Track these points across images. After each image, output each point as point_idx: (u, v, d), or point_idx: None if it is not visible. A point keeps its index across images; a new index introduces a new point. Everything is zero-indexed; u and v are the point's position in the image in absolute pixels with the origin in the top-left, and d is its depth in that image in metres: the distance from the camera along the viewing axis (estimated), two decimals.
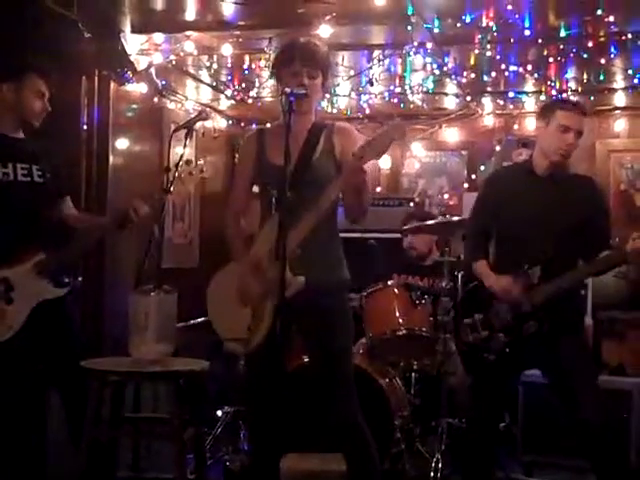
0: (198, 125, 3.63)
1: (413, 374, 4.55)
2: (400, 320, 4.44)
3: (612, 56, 4.84)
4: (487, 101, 6.13)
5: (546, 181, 3.46)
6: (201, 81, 5.69)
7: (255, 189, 3.27)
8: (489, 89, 5.82)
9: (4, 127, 3.52)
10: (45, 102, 3.54)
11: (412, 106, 5.98)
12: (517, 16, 4.35)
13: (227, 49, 4.85)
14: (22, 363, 3.41)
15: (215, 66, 5.23)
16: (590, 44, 4.58)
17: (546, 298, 3.32)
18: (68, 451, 3.43)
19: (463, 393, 4.36)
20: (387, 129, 2.87)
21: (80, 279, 3.74)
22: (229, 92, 5.81)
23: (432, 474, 4.07)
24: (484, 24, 4.37)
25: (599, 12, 4.19)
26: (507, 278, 3.41)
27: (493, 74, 5.21)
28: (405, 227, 4.99)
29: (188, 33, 4.72)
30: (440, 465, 4.08)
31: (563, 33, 4.52)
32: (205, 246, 6.21)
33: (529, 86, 5.69)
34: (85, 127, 4.81)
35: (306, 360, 3.95)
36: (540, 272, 3.34)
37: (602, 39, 4.54)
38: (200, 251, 6.22)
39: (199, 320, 4.55)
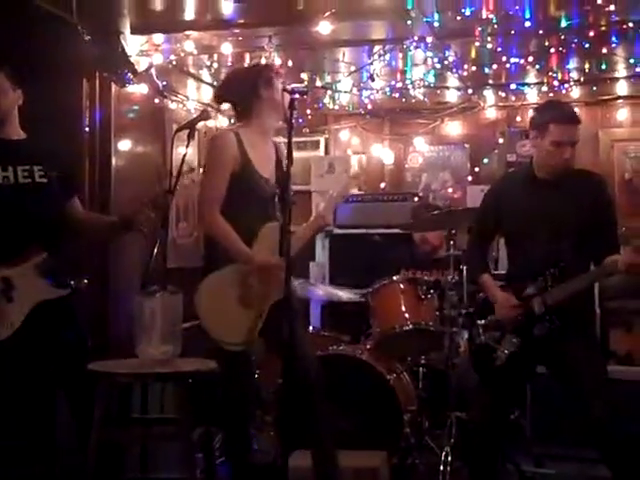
0: (200, 125, 3.62)
1: (421, 369, 4.55)
2: (407, 315, 4.44)
3: (613, 45, 4.83)
4: (489, 93, 6.11)
5: (549, 184, 3.43)
6: (202, 80, 5.69)
7: None
8: (491, 81, 5.81)
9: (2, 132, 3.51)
10: (7, 96, 3.44)
11: (414, 100, 5.98)
12: (517, 7, 4.34)
13: (227, 48, 4.84)
14: (24, 362, 3.42)
15: (215, 65, 5.21)
16: (591, 34, 4.57)
17: (557, 301, 3.32)
18: (76, 453, 3.43)
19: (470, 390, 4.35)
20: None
21: (86, 280, 3.74)
22: None
23: (442, 468, 4.06)
24: (484, 16, 4.37)
25: (599, 1, 4.18)
26: (506, 297, 3.45)
27: (494, 66, 5.20)
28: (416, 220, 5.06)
29: (188, 33, 4.72)
30: (450, 459, 4.08)
31: (564, 23, 4.50)
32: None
33: (531, 77, 5.67)
34: (87, 129, 4.80)
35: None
36: (553, 274, 3.33)
37: (603, 28, 4.53)
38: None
39: None
